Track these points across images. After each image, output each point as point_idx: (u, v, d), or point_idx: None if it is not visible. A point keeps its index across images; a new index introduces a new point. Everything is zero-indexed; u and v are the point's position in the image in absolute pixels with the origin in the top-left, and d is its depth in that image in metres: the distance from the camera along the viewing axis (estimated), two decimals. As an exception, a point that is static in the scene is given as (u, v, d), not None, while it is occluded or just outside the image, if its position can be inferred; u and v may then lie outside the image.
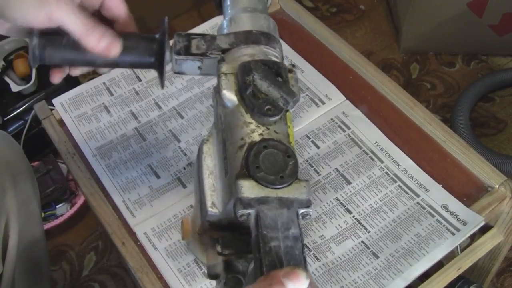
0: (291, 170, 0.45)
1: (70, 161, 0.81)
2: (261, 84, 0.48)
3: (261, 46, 0.52)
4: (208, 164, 0.52)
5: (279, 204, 0.43)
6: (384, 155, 0.79)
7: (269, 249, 0.41)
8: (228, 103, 0.49)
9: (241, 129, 0.47)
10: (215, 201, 0.50)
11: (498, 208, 0.74)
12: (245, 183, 0.43)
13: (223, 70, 0.50)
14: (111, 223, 0.75)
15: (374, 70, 0.89)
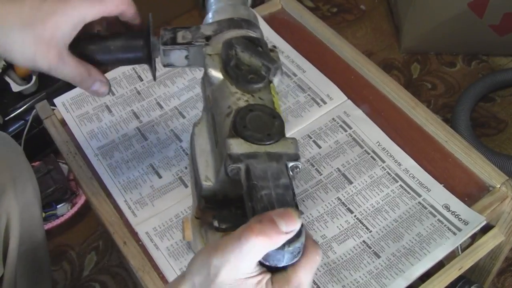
0: (278, 128, 0.47)
1: (72, 161, 0.81)
2: (243, 55, 0.51)
3: (242, 30, 0.55)
4: (200, 144, 0.54)
5: (268, 158, 0.45)
6: (385, 154, 0.79)
7: (261, 197, 0.42)
8: (214, 80, 0.52)
9: (228, 99, 0.50)
10: (209, 174, 0.52)
11: (500, 208, 0.74)
12: (233, 141, 0.45)
13: (208, 52, 0.53)
14: (113, 223, 0.75)
15: (376, 69, 0.89)
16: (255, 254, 0.38)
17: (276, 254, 0.39)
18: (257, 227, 0.38)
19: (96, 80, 0.57)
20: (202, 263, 0.40)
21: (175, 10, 1.82)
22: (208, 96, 0.54)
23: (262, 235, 0.38)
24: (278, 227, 0.38)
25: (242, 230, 0.38)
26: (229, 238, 0.39)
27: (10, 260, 0.77)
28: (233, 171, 0.45)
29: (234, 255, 0.38)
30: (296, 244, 0.39)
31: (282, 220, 0.38)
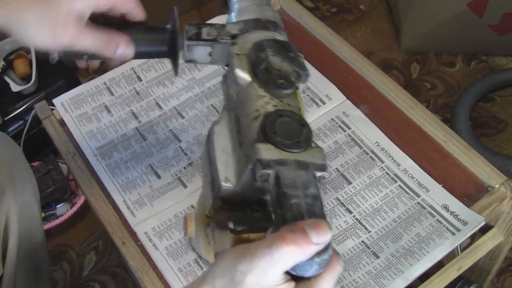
0: (306, 137, 0.47)
1: (71, 161, 0.81)
2: (274, 59, 0.50)
3: (269, 32, 0.55)
4: (220, 143, 0.53)
5: (297, 166, 0.44)
6: (384, 155, 0.79)
7: (290, 205, 0.42)
8: (241, 81, 0.51)
9: (256, 102, 0.49)
10: (229, 175, 0.51)
11: (499, 208, 0.74)
12: (263, 146, 0.45)
13: (236, 51, 0.52)
14: (112, 223, 0.75)
15: (375, 70, 0.89)
16: (285, 263, 0.38)
17: (304, 264, 0.39)
18: (290, 237, 0.38)
19: (120, 42, 0.55)
20: (227, 266, 0.39)
21: (175, 10, 1.82)
22: (232, 95, 0.53)
23: (293, 245, 0.37)
24: (310, 238, 0.38)
25: (274, 238, 0.38)
26: (259, 245, 0.38)
27: (10, 260, 0.77)
28: (262, 177, 0.44)
29: (264, 262, 0.38)
30: (324, 256, 0.39)
31: (313, 231, 0.38)
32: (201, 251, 0.68)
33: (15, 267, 0.77)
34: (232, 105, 0.53)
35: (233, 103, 0.53)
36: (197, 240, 0.66)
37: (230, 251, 0.41)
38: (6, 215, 0.77)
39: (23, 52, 1.45)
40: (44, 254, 0.87)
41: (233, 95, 0.53)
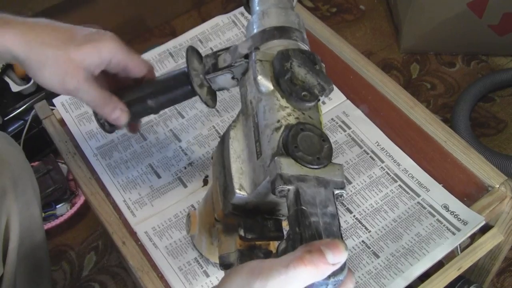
0: (327, 152, 0.46)
1: (71, 161, 0.81)
2: (298, 70, 0.49)
3: (292, 41, 0.54)
4: (236, 149, 0.52)
5: (316, 183, 0.44)
6: (384, 154, 0.79)
7: (309, 223, 0.41)
8: (263, 88, 0.50)
9: (277, 112, 0.48)
10: (243, 183, 0.50)
11: (499, 208, 0.74)
12: (284, 161, 0.44)
13: (259, 57, 0.51)
14: (112, 223, 0.75)
15: (375, 70, 0.89)
16: (301, 283, 0.38)
17: (320, 285, 0.39)
18: (307, 257, 0.38)
19: (117, 106, 0.59)
20: (240, 283, 0.39)
21: (175, 10, 1.83)
22: (251, 101, 0.52)
23: (311, 265, 0.37)
24: (327, 259, 0.38)
25: (291, 259, 0.38)
26: (275, 264, 0.38)
27: (10, 260, 0.77)
28: (282, 193, 0.43)
29: (279, 282, 0.38)
30: (339, 276, 0.39)
31: (330, 251, 0.38)
32: (202, 249, 0.68)
33: (15, 267, 0.77)
34: (250, 111, 0.52)
35: (251, 109, 0.52)
36: (200, 238, 0.66)
37: (243, 268, 0.40)
38: (7, 215, 0.77)
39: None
40: (44, 254, 0.87)
41: (252, 101, 0.52)
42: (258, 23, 0.55)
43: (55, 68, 0.56)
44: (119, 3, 1.70)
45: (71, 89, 0.57)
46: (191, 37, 0.96)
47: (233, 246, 0.54)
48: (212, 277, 0.69)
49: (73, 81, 0.56)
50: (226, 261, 0.54)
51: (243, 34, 0.95)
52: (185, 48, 0.93)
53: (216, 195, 0.55)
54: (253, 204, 0.51)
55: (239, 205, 0.51)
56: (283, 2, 0.57)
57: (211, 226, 0.61)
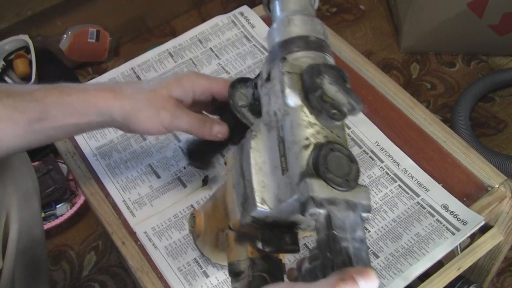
0: (355, 174, 0.46)
1: (71, 161, 0.81)
2: (329, 88, 0.48)
3: (321, 53, 0.52)
4: (257, 160, 0.51)
5: (346, 206, 0.44)
6: (384, 154, 0.79)
7: (340, 249, 0.41)
8: (291, 102, 0.48)
9: (306, 129, 0.47)
10: (265, 197, 0.49)
11: (498, 208, 0.74)
12: (316, 183, 0.43)
13: (287, 69, 0.49)
14: (111, 223, 0.75)
15: (375, 70, 0.89)
16: None
17: None
18: (341, 286, 0.38)
19: (213, 123, 0.62)
20: None
21: (175, 10, 1.83)
22: (275, 112, 0.50)
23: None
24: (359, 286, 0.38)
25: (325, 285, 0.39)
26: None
27: (9, 254, 0.77)
28: (313, 216, 0.43)
29: None
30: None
31: (363, 279, 0.38)
32: (205, 250, 0.68)
33: (14, 260, 0.77)
34: (274, 123, 0.50)
35: (275, 121, 0.50)
36: (204, 240, 0.66)
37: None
38: (7, 208, 0.76)
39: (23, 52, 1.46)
40: (43, 247, 0.87)
41: (276, 112, 0.50)
42: (283, 30, 0.53)
43: (149, 108, 0.59)
44: (119, 3, 1.70)
45: (168, 121, 0.60)
46: (191, 37, 0.96)
47: (244, 253, 0.54)
48: (212, 277, 0.69)
49: (167, 113, 0.59)
50: (236, 269, 0.54)
51: (243, 34, 0.95)
52: (185, 48, 0.94)
53: (232, 204, 0.53)
54: (273, 218, 0.50)
55: (259, 218, 0.50)
56: (308, 8, 0.56)
57: (219, 231, 0.60)
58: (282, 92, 0.49)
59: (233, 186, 0.53)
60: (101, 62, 1.71)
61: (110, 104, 0.59)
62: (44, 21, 1.59)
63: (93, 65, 1.71)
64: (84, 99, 0.59)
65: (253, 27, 0.96)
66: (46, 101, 0.57)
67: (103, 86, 0.60)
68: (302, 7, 0.55)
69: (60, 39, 1.59)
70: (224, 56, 0.93)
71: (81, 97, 0.59)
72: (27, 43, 1.47)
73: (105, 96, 0.59)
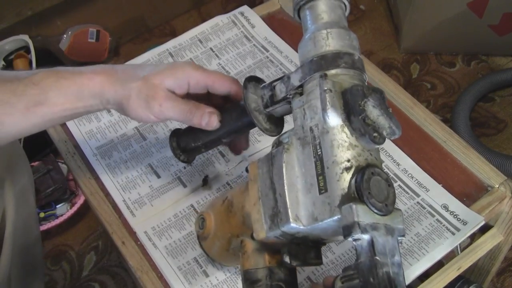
0: (392, 199, 0.47)
1: (71, 161, 0.81)
2: (372, 111, 0.48)
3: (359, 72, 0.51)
4: (291, 176, 0.50)
5: (385, 231, 0.45)
6: (384, 154, 0.79)
7: (382, 274, 0.43)
8: (332, 122, 0.48)
9: (347, 151, 0.47)
10: (299, 214, 0.49)
11: (498, 207, 0.74)
12: (360, 208, 0.44)
13: (329, 87, 0.49)
14: (111, 223, 0.75)
15: (374, 70, 0.89)
16: None
17: None
18: None
19: (204, 111, 0.60)
20: None
21: (175, 10, 1.83)
22: (311, 128, 0.50)
23: None
24: None
25: None
26: None
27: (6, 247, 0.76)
28: (358, 241, 0.44)
29: None
30: None
31: None
32: (212, 253, 0.67)
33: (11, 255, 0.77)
34: (310, 140, 0.49)
35: (312, 138, 0.49)
36: (213, 242, 0.64)
37: None
38: (4, 202, 0.76)
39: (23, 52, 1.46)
40: (38, 244, 0.87)
41: (313, 128, 0.49)
42: (321, 43, 0.52)
43: (139, 97, 0.58)
44: (119, 3, 1.70)
45: (157, 112, 0.59)
46: (191, 37, 0.96)
47: (261, 262, 0.55)
48: (212, 276, 0.69)
49: (156, 102, 0.58)
50: (253, 277, 0.55)
51: (243, 34, 0.95)
52: (185, 48, 0.94)
53: (257, 215, 0.53)
54: (303, 234, 0.50)
55: (289, 233, 0.50)
56: (342, 20, 0.54)
57: (233, 236, 0.60)
58: (323, 110, 0.48)
59: (259, 198, 0.53)
60: (101, 62, 1.71)
61: (104, 88, 0.59)
62: (44, 21, 1.60)
63: (93, 65, 1.71)
64: (81, 83, 0.59)
65: (253, 27, 0.96)
66: (43, 84, 0.57)
67: (99, 69, 0.60)
68: (337, 18, 0.53)
69: (60, 39, 1.59)
70: (224, 56, 0.93)
71: (77, 80, 0.59)
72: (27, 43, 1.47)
73: (100, 80, 0.59)
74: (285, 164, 0.51)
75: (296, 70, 0.53)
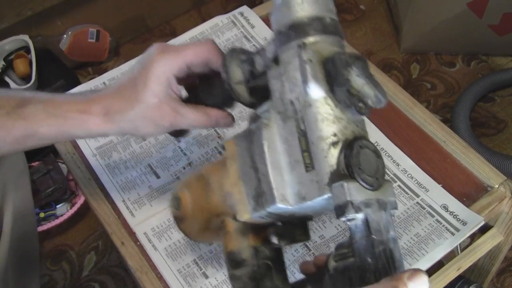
0: (382, 171, 0.44)
1: (70, 161, 0.81)
2: (357, 81, 0.44)
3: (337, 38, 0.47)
4: (272, 153, 0.47)
5: (378, 206, 0.42)
6: (384, 155, 0.79)
7: (379, 253, 0.41)
8: (314, 94, 0.44)
9: (333, 124, 0.44)
10: (285, 194, 0.46)
11: (498, 208, 0.74)
12: (352, 186, 0.41)
13: (310, 57, 0.45)
14: (111, 223, 0.75)
15: (375, 70, 0.89)
16: None
17: None
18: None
19: (218, 118, 0.58)
20: None
21: (175, 10, 1.83)
22: (291, 101, 0.46)
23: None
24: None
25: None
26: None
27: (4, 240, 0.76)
28: (352, 221, 0.42)
29: None
30: None
31: (414, 284, 0.38)
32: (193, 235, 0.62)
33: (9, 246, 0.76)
34: (292, 113, 0.46)
35: (293, 112, 0.46)
36: (191, 223, 0.60)
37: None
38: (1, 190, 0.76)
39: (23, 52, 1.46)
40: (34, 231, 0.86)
41: (294, 102, 0.46)
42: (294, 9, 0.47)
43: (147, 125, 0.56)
44: (119, 3, 1.70)
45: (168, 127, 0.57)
46: (191, 37, 0.96)
47: (245, 242, 0.52)
48: (211, 278, 0.69)
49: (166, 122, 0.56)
50: (238, 258, 0.52)
51: (243, 34, 0.95)
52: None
53: (239, 196, 0.50)
54: (290, 213, 0.48)
55: (275, 213, 0.48)
56: None
57: (213, 216, 0.56)
58: (304, 83, 0.45)
59: (239, 177, 0.50)
60: (101, 62, 1.71)
61: (104, 128, 0.56)
62: (44, 21, 1.59)
63: (93, 65, 1.71)
64: (74, 124, 0.56)
65: (253, 27, 0.96)
66: (33, 120, 0.55)
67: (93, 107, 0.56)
68: None
69: (60, 39, 1.59)
70: (224, 56, 0.93)
71: (70, 121, 0.56)
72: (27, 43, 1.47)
73: (97, 122, 0.56)
74: (266, 142, 0.47)
75: (271, 40, 0.49)
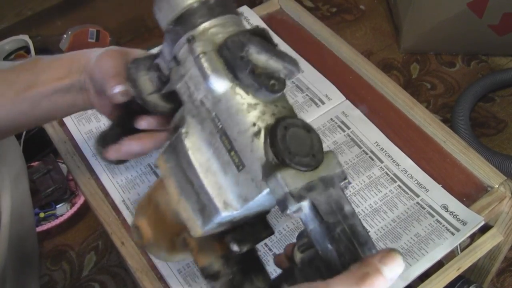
0: (318, 145, 0.40)
1: (70, 161, 0.81)
2: (259, 58, 0.41)
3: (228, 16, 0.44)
4: (201, 161, 0.43)
5: (323, 185, 0.39)
6: (383, 155, 0.79)
7: (338, 235, 0.37)
8: (219, 88, 0.41)
9: (248, 114, 0.40)
10: (227, 200, 0.42)
11: (498, 208, 0.74)
12: (286, 174, 0.37)
13: (202, 49, 0.42)
14: (111, 223, 0.75)
15: (374, 70, 0.89)
16: None
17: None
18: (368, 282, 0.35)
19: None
20: None
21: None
22: (202, 101, 0.43)
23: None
24: (385, 277, 0.35)
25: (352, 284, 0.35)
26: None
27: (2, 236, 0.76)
28: (298, 212, 0.38)
29: None
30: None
31: (387, 267, 0.35)
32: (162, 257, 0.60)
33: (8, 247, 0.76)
34: (205, 114, 0.43)
35: (206, 112, 0.43)
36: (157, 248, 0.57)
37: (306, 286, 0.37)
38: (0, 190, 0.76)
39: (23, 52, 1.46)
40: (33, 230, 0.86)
41: (203, 101, 0.43)
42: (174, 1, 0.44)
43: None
44: (119, 3, 1.70)
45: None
46: (191, 37, 0.96)
47: (213, 254, 0.49)
48: (211, 277, 0.69)
49: None
50: (211, 271, 0.49)
51: (243, 34, 0.95)
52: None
53: (186, 213, 0.46)
54: (241, 217, 0.44)
55: (225, 222, 0.44)
56: None
57: (173, 236, 0.54)
58: (204, 79, 0.42)
59: (179, 194, 0.46)
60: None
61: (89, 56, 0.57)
62: (44, 21, 1.60)
63: (93, 65, 1.71)
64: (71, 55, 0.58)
65: (253, 27, 0.96)
66: (36, 69, 0.57)
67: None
68: None
69: (60, 39, 1.59)
70: (224, 56, 0.92)
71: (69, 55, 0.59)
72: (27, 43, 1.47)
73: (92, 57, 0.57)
74: (190, 151, 0.44)
75: (164, 41, 0.46)
